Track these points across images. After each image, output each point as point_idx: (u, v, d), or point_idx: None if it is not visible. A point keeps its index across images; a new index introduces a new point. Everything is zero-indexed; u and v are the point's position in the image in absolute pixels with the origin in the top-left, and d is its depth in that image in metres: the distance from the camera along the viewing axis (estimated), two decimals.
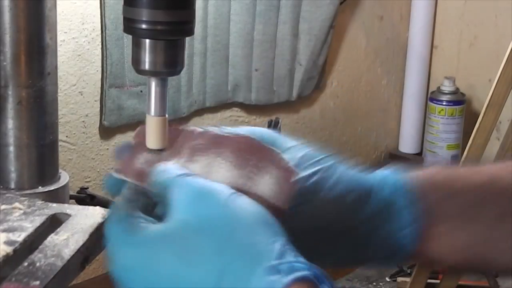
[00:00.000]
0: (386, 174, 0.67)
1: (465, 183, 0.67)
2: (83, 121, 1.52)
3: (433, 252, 0.66)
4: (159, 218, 0.58)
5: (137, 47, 0.63)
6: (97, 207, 0.76)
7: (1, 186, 0.94)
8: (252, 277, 0.51)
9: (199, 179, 0.57)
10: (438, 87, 2.07)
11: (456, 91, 2.05)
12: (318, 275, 0.53)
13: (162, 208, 0.58)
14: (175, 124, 0.64)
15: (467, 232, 0.67)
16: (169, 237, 0.54)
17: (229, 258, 0.53)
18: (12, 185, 0.94)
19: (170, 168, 0.59)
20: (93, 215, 0.73)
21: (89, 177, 1.54)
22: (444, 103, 2.03)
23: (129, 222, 0.57)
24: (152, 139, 0.63)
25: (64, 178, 0.99)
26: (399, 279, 1.97)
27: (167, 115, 0.63)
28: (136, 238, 0.56)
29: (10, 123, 0.92)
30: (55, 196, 0.94)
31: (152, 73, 0.63)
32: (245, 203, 0.56)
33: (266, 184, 0.60)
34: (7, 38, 0.90)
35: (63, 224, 0.71)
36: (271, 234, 0.54)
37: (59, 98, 1.00)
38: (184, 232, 0.54)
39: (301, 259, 0.53)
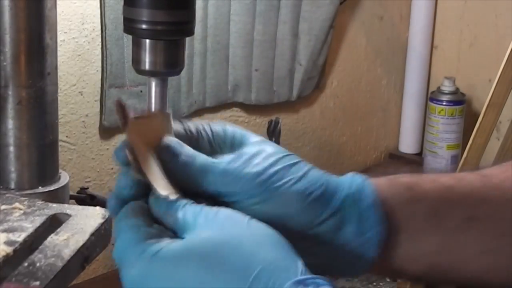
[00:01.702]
0: (353, 176, 0.66)
1: (429, 188, 0.66)
2: (83, 121, 1.52)
3: (393, 261, 0.66)
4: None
5: (137, 47, 0.63)
6: (97, 207, 0.76)
7: (1, 186, 0.94)
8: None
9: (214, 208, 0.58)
10: (438, 87, 2.06)
11: (456, 91, 2.05)
12: None
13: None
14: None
15: (429, 240, 0.66)
16: (193, 253, 0.55)
17: (257, 272, 0.53)
18: (12, 185, 0.94)
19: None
20: (93, 215, 0.74)
21: (89, 177, 1.54)
22: (444, 103, 2.03)
23: (141, 232, 0.57)
24: None
25: (64, 178, 0.99)
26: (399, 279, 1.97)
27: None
28: (154, 252, 0.56)
29: (10, 123, 0.92)
30: (55, 196, 0.94)
31: (152, 73, 0.64)
32: (263, 226, 0.57)
33: None
34: (7, 38, 0.90)
35: (63, 224, 0.71)
36: (292, 252, 0.56)
37: (59, 98, 1.00)
38: (209, 248, 0.55)
39: (321, 276, 0.55)
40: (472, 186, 0.67)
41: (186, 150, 0.63)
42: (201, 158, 0.63)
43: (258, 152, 0.66)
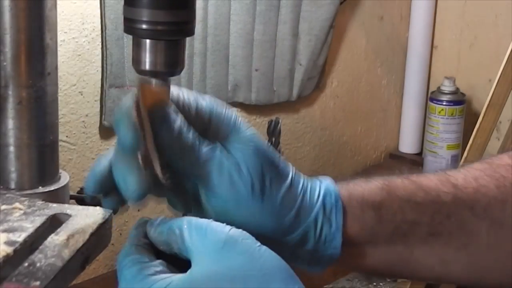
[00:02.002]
0: (327, 192, 0.68)
1: (397, 208, 0.69)
2: (83, 121, 1.52)
3: (352, 263, 0.70)
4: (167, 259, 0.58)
5: (137, 47, 0.63)
6: (97, 207, 0.76)
7: (1, 186, 0.94)
8: None
9: (221, 226, 0.58)
10: (438, 87, 2.07)
11: (456, 91, 2.05)
12: None
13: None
14: None
15: (389, 252, 0.69)
16: (198, 285, 0.55)
17: None
18: (12, 185, 0.94)
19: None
20: (93, 215, 0.73)
21: None
22: (444, 103, 2.03)
23: (145, 268, 0.57)
24: None
25: (65, 178, 0.99)
26: (400, 279, 1.97)
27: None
28: (162, 281, 0.56)
29: (10, 123, 0.92)
30: (55, 196, 0.94)
31: (152, 73, 0.64)
32: (270, 254, 0.58)
33: None
34: (7, 38, 0.90)
35: (63, 225, 0.71)
36: (295, 282, 0.57)
37: (59, 98, 1.00)
38: (215, 283, 0.55)
39: None
40: (442, 203, 0.69)
41: (181, 122, 0.63)
42: (192, 135, 0.63)
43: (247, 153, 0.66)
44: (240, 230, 0.58)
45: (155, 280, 0.56)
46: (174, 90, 0.65)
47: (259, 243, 0.58)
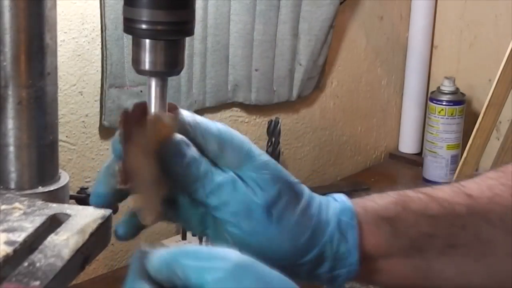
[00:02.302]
0: (341, 210, 0.69)
1: (412, 222, 0.69)
2: (83, 121, 1.52)
3: (374, 278, 0.69)
4: None
5: (137, 47, 0.63)
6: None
7: (1, 186, 0.94)
8: None
9: (226, 253, 0.55)
10: (438, 87, 2.06)
11: (456, 91, 2.05)
12: None
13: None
14: None
15: (406, 267, 0.69)
16: None
17: None
18: (12, 185, 0.94)
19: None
20: (93, 215, 0.73)
21: (89, 177, 1.54)
22: (444, 103, 2.03)
23: None
24: None
25: (64, 178, 0.99)
26: None
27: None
28: None
29: (10, 123, 0.92)
30: (55, 196, 0.94)
31: (152, 73, 0.64)
32: (281, 278, 0.56)
33: None
34: (7, 38, 0.90)
35: (63, 224, 0.71)
36: None
37: (59, 98, 1.00)
38: None
39: None
40: (456, 214, 0.69)
41: (193, 152, 0.63)
42: (204, 165, 0.63)
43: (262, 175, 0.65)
44: (246, 256, 0.56)
45: None
46: (186, 117, 0.65)
47: (268, 267, 0.56)
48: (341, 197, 0.69)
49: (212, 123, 0.67)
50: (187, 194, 0.65)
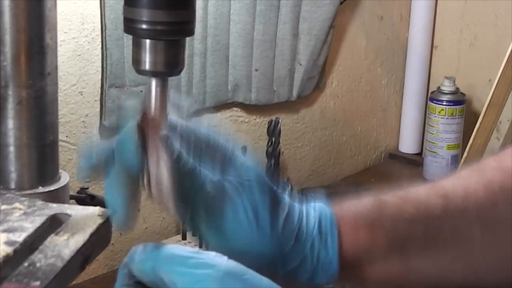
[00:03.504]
0: (320, 216, 0.69)
1: (390, 226, 0.69)
2: (83, 121, 1.52)
3: (354, 280, 0.70)
4: None
5: (137, 47, 0.63)
6: (97, 207, 0.76)
7: (1, 186, 0.94)
8: None
9: (216, 258, 0.55)
10: (438, 87, 2.06)
11: (456, 91, 2.05)
12: None
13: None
14: None
15: (387, 269, 0.70)
16: None
17: None
18: (12, 185, 0.94)
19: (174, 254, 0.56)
20: (93, 215, 0.73)
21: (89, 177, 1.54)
22: (444, 103, 2.03)
23: None
24: None
25: (65, 178, 0.99)
26: None
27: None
28: None
29: (10, 123, 0.92)
30: (55, 196, 0.94)
31: (152, 73, 0.64)
32: (270, 284, 0.56)
33: None
34: (7, 38, 0.90)
35: (63, 224, 0.71)
36: None
37: (59, 98, 1.00)
38: None
39: None
40: (432, 216, 0.70)
41: (180, 148, 0.63)
42: (193, 160, 0.63)
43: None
44: (235, 263, 0.56)
45: None
46: (172, 119, 0.65)
47: (258, 275, 0.56)
48: (320, 206, 0.69)
49: (199, 126, 0.66)
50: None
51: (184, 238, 1.56)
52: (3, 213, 0.73)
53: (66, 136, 1.50)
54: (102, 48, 1.51)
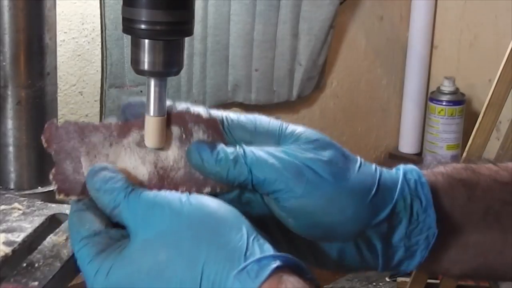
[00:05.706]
0: (407, 170, 0.62)
1: (487, 186, 0.63)
2: (83, 121, 1.52)
3: (440, 263, 0.63)
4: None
5: (136, 47, 0.63)
6: None
7: (1, 186, 0.94)
8: (227, 283, 0.51)
9: (145, 193, 0.56)
10: (438, 87, 2.07)
11: (456, 91, 2.05)
12: (286, 261, 0.51)
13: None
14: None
15: (480, 242, 0.63)
16: (137, 261, 0.53)
17: (200, 269, 0.51)
18: (12, 185, 0.94)
19: (112, 187, 0.57)
20: None
21: None
22: (444, 103, 2.03)
23: (90, 246, 0.55)
24: (151, 139, 0.63)
25: None
26: (399, 279, 1.97)
27: (165, 115, 0.63)
28: (105, 273, 0.54)
29: (10, 123, 0.92)
30: (54, 197, 0.94)
31: (151, 73, 0.63)
32: (199, 204, 0.54)
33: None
34: (7, 38, 0.90)
35: (62, 225, 0.71)
36: (234, 230, 0.53)
37: (59, 98, 1.00)
38: (152, 256, 0.53)
39: (267, 249, 0.52)
40: None
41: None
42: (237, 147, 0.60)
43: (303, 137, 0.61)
44: (167, 193, 0.55)
45: (99, 263, 0.54)
46: (218, 115, 0.63)
47: (185, 195, 0.55)
48: (399, 166, 0.62)
49: (242, 117, 0.64)
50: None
51: None
52: (2, 213, 0.73)
53: None
54: (102, 48, 1.51)
